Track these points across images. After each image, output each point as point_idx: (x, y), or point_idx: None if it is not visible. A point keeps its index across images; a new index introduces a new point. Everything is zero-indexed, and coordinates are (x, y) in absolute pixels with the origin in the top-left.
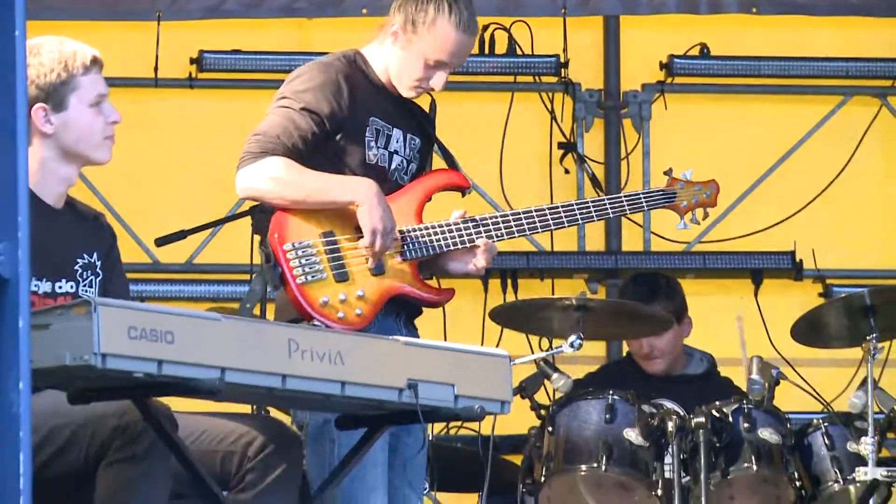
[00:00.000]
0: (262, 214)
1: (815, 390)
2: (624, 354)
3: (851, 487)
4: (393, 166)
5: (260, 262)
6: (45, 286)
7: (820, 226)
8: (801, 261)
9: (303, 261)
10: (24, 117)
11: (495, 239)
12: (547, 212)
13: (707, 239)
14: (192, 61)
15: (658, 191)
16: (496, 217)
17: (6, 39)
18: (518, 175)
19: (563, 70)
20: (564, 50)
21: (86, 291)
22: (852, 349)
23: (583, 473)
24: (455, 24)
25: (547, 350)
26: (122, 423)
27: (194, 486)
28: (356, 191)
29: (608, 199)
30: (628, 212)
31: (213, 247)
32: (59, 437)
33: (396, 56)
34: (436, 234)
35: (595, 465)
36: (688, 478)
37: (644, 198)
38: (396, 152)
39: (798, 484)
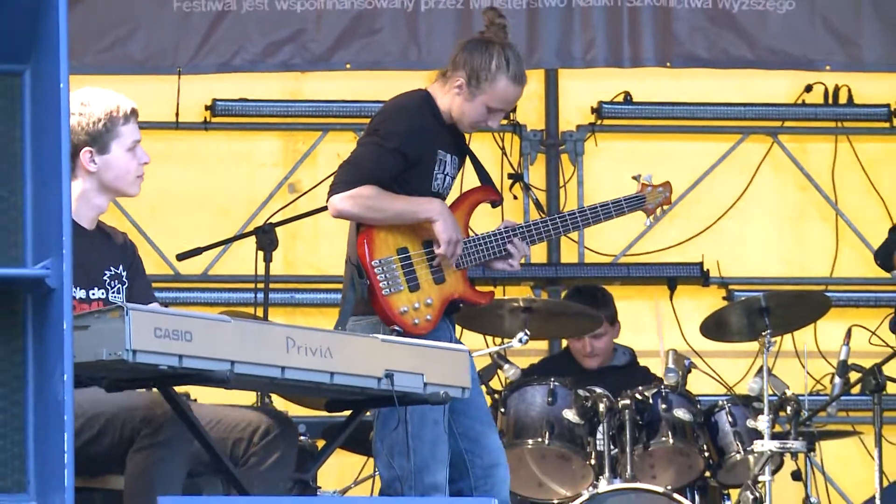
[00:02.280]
0: (264, 235)
1: (720, 377)
2: (562, 349)
3: (751, 457)
4: (444, 185)
5: (348, 276)
6: (80, 293)
7: (723, 242)
8: (708, 270)
9: (386, 275)
10: (68, 158)
11: (535, 242)
12: (557, 220)
13: (631, 252)
14: (206, 108)
15: (634, 196)
16: (525, 225)
17: (54, 92)
18: None
19: (511, 114)
20: None
21: (115, 297)
22: (750, 343)
23: (529, 447)
24: (512, 78)
25: (499, 345)
26: (149, 414)
27: (210, 464)
28: (431, 209)
29: (600, 206)
30: (614, 215)
31: (224, 260)
32: (96, 423)
33: (460, 103)
34: (482, 245)
35: (539, 440)
36: (616, 450)
37: (625, 203)
38: (448, 174)
39: (706, 455)
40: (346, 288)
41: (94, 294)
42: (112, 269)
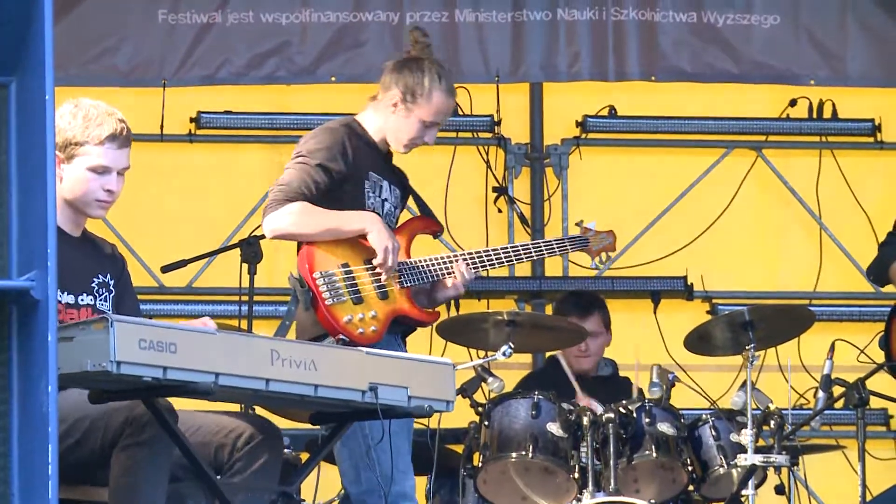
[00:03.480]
0: (248, 247)
1: (703, 391)
2: (547, 359)
3: (734, 471)
4: (385, 211)
5: (291, 288)
6: (67, 298)
7: (707, 255)
8: (691, 284)
9: (329, 286)
10: (54, 170)
11: (476, 271)
12: (500, 251)
13: (615, 266)
14: (191, 120)
15: (576, 237)
16: (472, 253)
17: (39, 104)
18: (460, 214)
19: (496, 127)
20: (497, 111)
21: (102, 304)
22: (734, 357)
23: (513, 460)
24: (446, 91)
25: (484, 358)
26: (130, 415)
27: (192, 471)
28: (364, 220)
29: (543, 243)
30: (558, 252)
31: (208, 273)
32: (79, 428)
33: (395, 121)
34: (424, 266)
35: (523, 453)
36: (599, 463)
37: (568, 242)
38: (386, 200)
39: (690, 468)
40: (289, 303)
41: (83, 300)
42: (101, 276)
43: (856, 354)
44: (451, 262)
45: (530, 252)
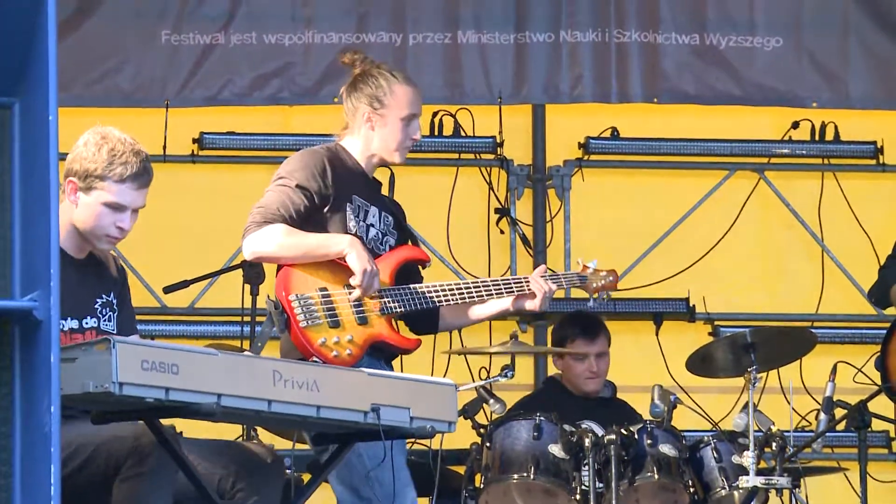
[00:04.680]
0: (251, 268)
1: (705, 412)
2: (547, 379)
3: (736, 493)
4: (370, 236)
5: (266, 309)
6: (71, 323)
7: (710, 277)
8: (693, 306)
9: (304, 309)
10: (57, 191)
11: (451, 302)
12: (501, 282)
13: (617, 287)
14: (194, 141)
15: (573, 274)
16: (457, 284)
17: (43, 125)
18: (462, 235)
19: (498, 148)
20: (500, 132)
21: (106, 325)
22: (736, 379)
23: (515, 481)
24: (405, 80)
25: (485, 379)
26: (134, 445)
27: (194, 498)
28: (342, 243)
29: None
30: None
31: (211, 294)
32: (82, 454)
33: (377, 135)
34: (406, 294)
35: (525, 474)
36: (601, 485)
37: (563, 278)
38: (372, 225)
39: (692, 490)
40: (263, 324)
41: (87, 323)
42: (104, 296)
43: (855, 376)
44: (438, 293)
45: (522, 285)
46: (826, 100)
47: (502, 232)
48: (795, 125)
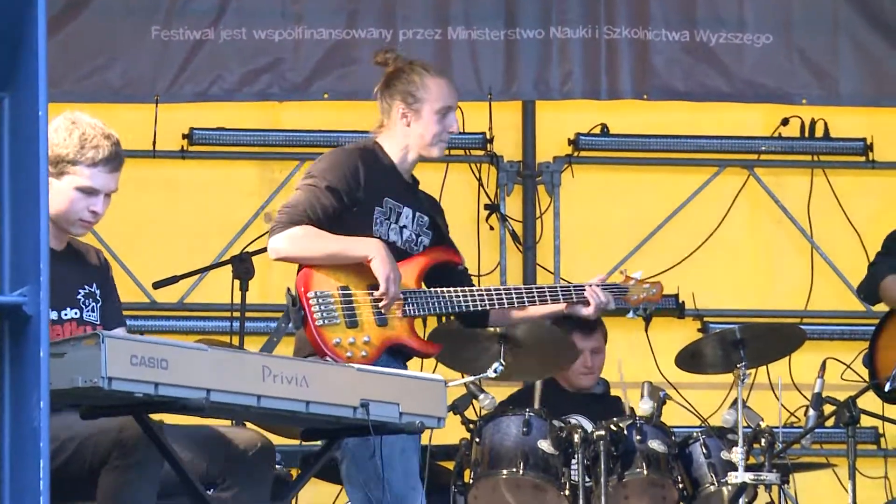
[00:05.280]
0: (240, 264)
1: (694, 409)
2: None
3: (724, 489)
4: (404, 238)
5: (286, 305)
6: (51, 315)
7: (699, 274)
8: (683, 302)
9: (322, 307)
10: (46, 185)
11: (478, 308)
12: (523, 291)
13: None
14: (183, 136)
15: (614, 285)
16: (487, 290)
17: (32, 120)
18: (452, 231)
19: (488, 145)
20: (490, 128)
21: (89, 316)
22: (725, 375)
23: (504, 477)
24: (438, 74)
25: (475, 375)
26: (120, 436)
27: (182, 486)
28: (367, 248)
29: (574, 287)
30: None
31: (200, 289)
32: (69, 447)
33: (413, 130)
34: (432, 297)
35: (514, 470)
36: (590, 481)
37: (602, 289)
38: (405, 227)
39: (681, 486)
40: (280, 319)
41: (66, 315)
42: (87, 287)
43: (843, 372)
44: (465, 298)
45: (557, 294)
46: (816, 97)
47: (492, 228)
48: (785, 122)
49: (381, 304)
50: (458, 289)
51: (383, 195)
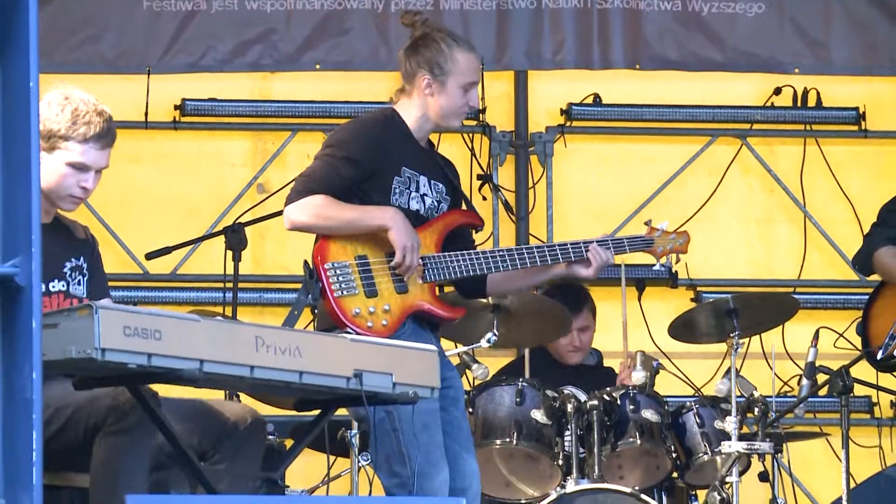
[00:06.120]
0: (233, 234)
1: (688, 378)
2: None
3: (718, 458)
4: (427, 206)
5: (303, 277)
6: None
7: (692, 243)
8: (676, 272)
9: (340, 278)
10: (38, 157)
11: (500, 269)
12: (546, 249)
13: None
14: (175, 107)
15: (639, 237)
16: (508, 250)
17: (23, 90)
18: None
19: (480, 115)
20: (482, 98)
21: (76, 289)
22: (718, 344)
23: (497, 447)
24: (467, 48)
25: (468, 345)
26: (114, 403)
27: (176, 458)
28: (384, 217)
29: (597, 241)
30: (614, 253)
31: (193, 260)
32: (63, 415)
33: (435, 100)
34: (452, 261)
35: (507, 440)
36: (584, 450)
37: (627, 242)
38: (426, 195)
39: (674, 455)
40: (299, 292)
41: (54, 287)
42: (73, 260)
43: (836, 341)
44: (483, 260)
45: (580, 250)
46: (808, 66)
47: (484, 198)
48: (778, 91)
49: (399, 272)
50: (478, 251)
51: (401, 165)
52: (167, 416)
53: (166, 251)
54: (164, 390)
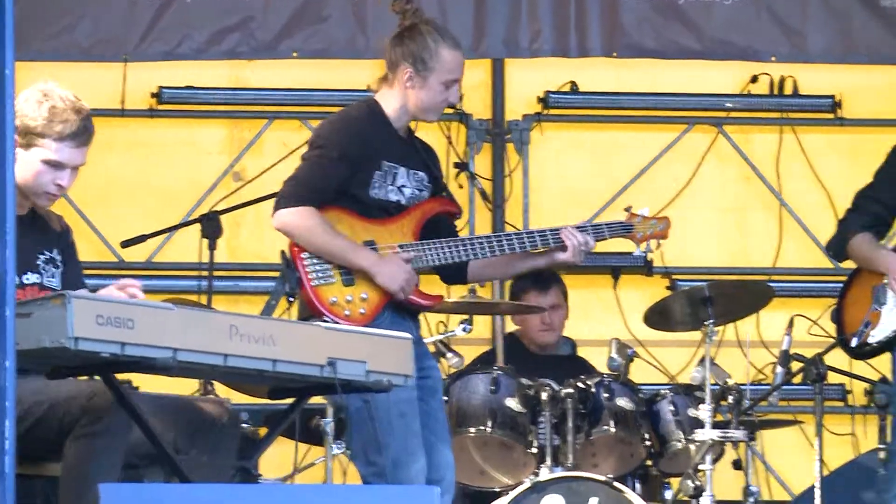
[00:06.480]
0: (208, 223)
1: (663, 366)
2: (506, 335)
3: (692, 446)
4: (407, 196)
5: (281, 266)
6: None
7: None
8: (651, 260)
9: (316, 267)
10: (13, 145)
11: (478, 256)
12: (525, 235)
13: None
14: (152, 95)
15: (618, 223)
16: (486, 237)
17: None
18: None
19: (457, 103)
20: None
21: (49, 282)
22: (693, 332)
23: (471, 435)
24: (452, 45)
25: (443, 333)
26: (88, 404)
27: (150, 454)
28: (366, 261)
29: (577, 227)
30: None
31: (169, 248)
32: (37, 411)
33: (416, 94)
34: (429, 249)
35: (482, 427)
36: (558, 439)
37: (606, 228)
38: (405, 186)
39: (648, 443)
40: (276, 281)
41: (28, 279)
42: (47, 252)
43: (810, 328)
44: (460, 247)
45: (559, 236)
46: (785, 54)
47: (461, 187)
48: (754, 79)
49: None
50: (456, 239)
51: (382, 158)
52: (144, 410)
53: (142, 239)
54: (137, 379)
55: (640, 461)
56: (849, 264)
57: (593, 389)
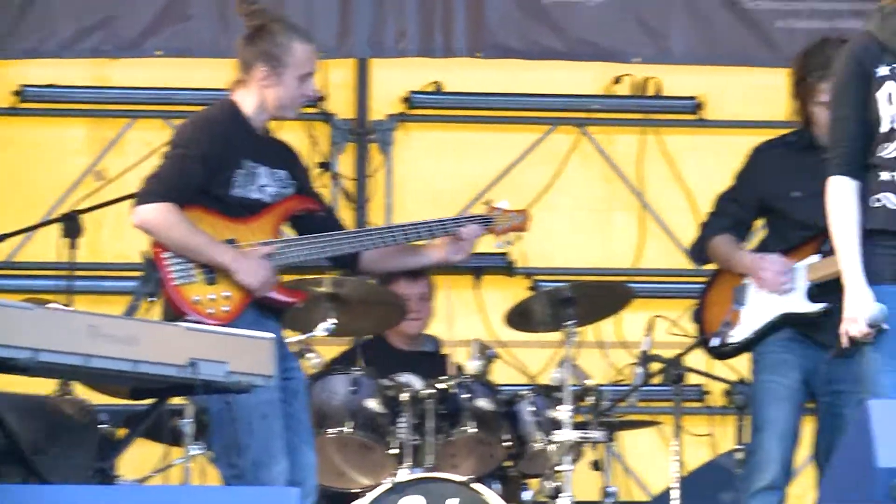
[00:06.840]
0: (69, 221)
1: (524, 367)
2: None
3: (551, 447)
4: (270, 194)
5: (143, 267)
6: None
7: (530, 232)
8: (513, 261)
9: (178, 266)
10: None
11: (346, 251)
12: (385, 231)
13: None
14: (15, 93)
15: (478, 216)
16: (343, 234)
17: None
18: None
19: (321, 102)
20: (323, 86)
21: None
22: (555, 333)
23: (330, 436)
24: (304, 39)
25: (304, 333)
26: None
27: (7, 454)
28: (226, 256)
29: (438, 222)
30: (450, 233)
31: (29, 247)
32: None
33: (272, 93)
34: (287, 247)
35: (341, 429)
36: (418, 439)
37: (466, 221)
38: (266, 185)
39: (509, 444)
40: (139, 282)
41: None
42: None
43: (668, 328)
44: (321, 244)
45: (419, 232)
46: (649, 55)
47: (325, 186)
48: (618, 80)
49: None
50: (317, 235)
51: (242, 157)
52: (2, 409)
53: (1, 238)
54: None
55: (500, 462)
56: (711, 266)
57: (454, 390)
